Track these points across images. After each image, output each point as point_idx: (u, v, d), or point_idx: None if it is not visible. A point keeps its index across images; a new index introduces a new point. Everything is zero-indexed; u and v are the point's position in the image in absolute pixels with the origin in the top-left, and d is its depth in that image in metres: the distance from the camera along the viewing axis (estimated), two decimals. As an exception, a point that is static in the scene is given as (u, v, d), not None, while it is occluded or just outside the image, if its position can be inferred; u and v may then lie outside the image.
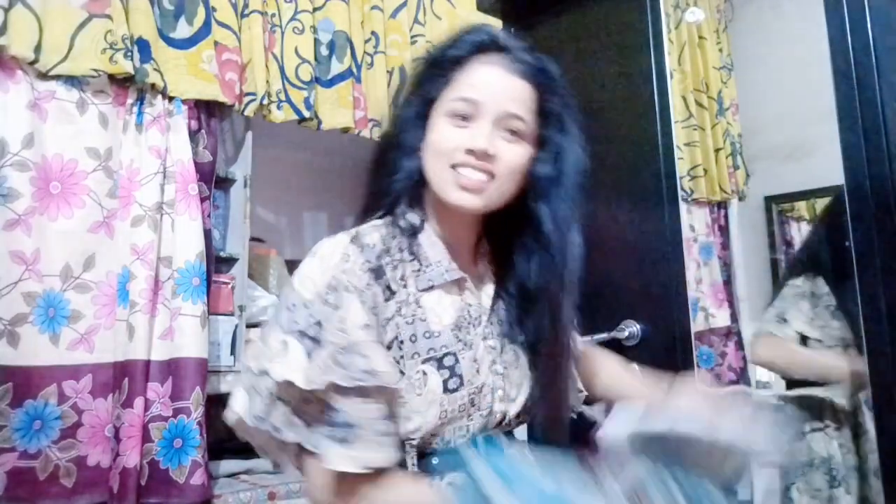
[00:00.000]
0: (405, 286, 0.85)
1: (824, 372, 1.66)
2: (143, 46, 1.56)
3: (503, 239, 0.94)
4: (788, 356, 1.73)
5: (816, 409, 1.71)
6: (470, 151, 0.83)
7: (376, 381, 0.77)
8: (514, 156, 0.85)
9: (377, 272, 0.82)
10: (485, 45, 0.88)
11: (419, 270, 0.87)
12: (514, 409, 0.91)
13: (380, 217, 0.90)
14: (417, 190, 0.90)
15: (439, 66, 0.89)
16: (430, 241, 0.89)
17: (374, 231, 0.87)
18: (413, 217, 0.89)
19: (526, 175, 0.88)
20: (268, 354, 0.80)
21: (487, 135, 0.83)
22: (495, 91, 0.85)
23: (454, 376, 0.84)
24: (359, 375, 0.76)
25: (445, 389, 0.83)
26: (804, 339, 1.70)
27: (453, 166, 0.84)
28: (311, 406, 0.79)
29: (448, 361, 0.84)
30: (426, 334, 0.84)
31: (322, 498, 0.80)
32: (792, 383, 1.78)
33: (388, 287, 0.83)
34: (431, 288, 0.87)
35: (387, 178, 0.90)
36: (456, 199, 0.85)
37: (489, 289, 0.94)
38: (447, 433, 0.84)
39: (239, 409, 0.84)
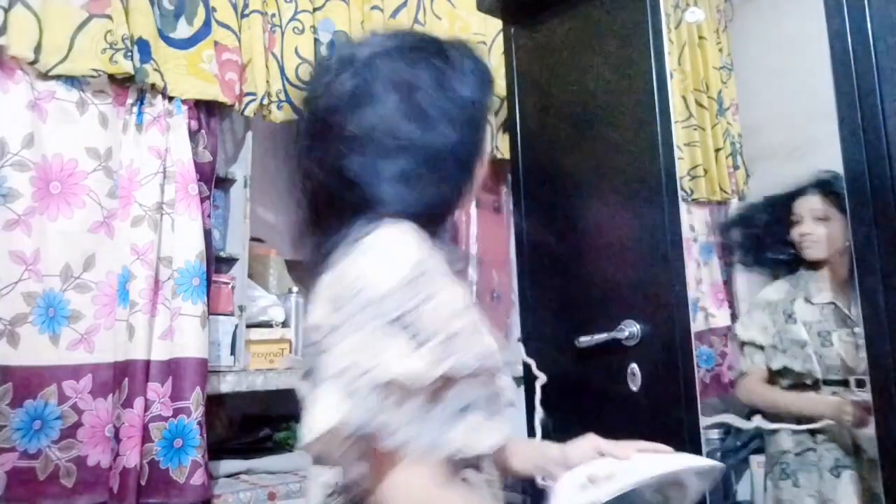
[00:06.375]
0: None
1: (803, 412, 1.74)
2: (143, 46, 1.56)
3: None
4: (769, 400, 1.82)
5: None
6: None
7: (495, 361, 0.78)
8: None
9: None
10: None
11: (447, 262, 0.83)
12: None
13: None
14: None
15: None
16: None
17: (413, 229, 0.81)
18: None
19: None
20: (366, 352, 0.71)
21: None
22: None
23: None
24: (476, 358, 0.75)
25: None
26: (760, 347, 1.81)
27: None
28: (419, 399, 0.72)
29: None
30: None
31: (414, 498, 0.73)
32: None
33: None
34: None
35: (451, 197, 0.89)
36: None
37: None
38: None
39: (328, 419, 0.72)
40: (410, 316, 0.72)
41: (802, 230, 1.78)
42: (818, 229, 1.75)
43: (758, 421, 1.82)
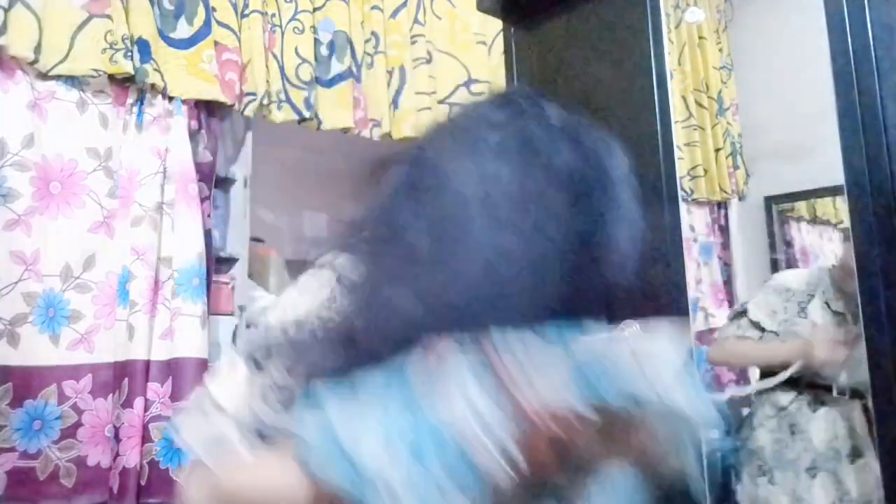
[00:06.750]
0: None
1: (771, 361, 1.74)
2: (143, 46, 1.56)
3: None
4: (741, 354, 1.82)
5: (761, 405, 1.79)
6: None
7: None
8: None
9: None
10: None
11: None
12: None
13: None
14: None
15: None
16: None
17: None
18: None
19: None
20: (213, 371, 0.76)
21: None
22: None
23: None
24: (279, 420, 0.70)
25: None
26: (762, 330, 1.79)
27: None
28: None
29: None
30: None
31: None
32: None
33: None
34: None
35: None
36: None
37: None
38: None
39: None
40: (262, 353, 0.72)
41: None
42: None
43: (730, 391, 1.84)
